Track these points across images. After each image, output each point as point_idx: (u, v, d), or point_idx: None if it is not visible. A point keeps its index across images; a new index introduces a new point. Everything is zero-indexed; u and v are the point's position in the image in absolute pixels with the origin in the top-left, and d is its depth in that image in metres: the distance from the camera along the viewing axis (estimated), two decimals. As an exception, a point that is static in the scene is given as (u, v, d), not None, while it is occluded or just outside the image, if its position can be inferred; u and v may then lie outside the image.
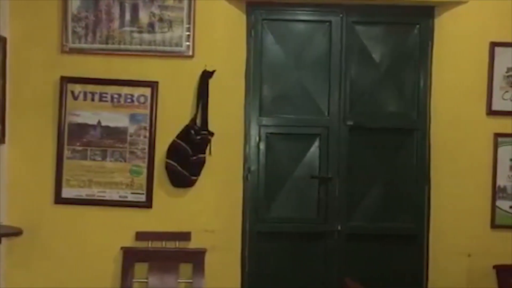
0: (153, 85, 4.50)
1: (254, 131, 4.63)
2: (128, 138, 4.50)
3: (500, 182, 4.53)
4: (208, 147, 4.49)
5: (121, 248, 4.45)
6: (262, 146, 4.64)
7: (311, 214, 4.66)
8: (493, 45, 4.52)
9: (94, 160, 4.50)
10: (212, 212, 4.54)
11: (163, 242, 4.48)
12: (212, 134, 4.49)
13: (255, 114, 4.63)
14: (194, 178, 4.48)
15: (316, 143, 4.65)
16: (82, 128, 4.48)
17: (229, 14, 4.58)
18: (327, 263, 4.64)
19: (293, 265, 4.63)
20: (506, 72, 4.54)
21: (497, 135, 4.54)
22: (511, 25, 4.54)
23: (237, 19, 4.60)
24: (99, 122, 4.49)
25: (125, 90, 4.50)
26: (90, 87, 4.49)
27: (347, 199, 4.64)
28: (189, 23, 4.52)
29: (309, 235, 4.66)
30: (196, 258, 4.43)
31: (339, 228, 4.63)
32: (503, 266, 4.38)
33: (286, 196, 4.65)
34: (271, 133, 4.65)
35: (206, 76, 4.49)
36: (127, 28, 4.51)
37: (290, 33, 4.69)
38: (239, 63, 4.60)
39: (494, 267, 4.39)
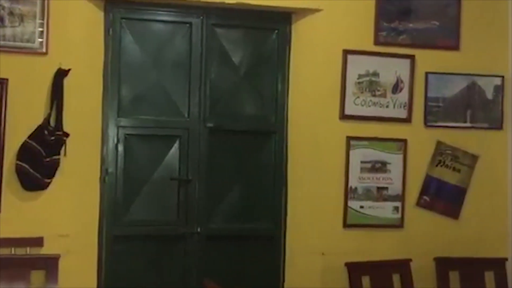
0: (2, 82, 3.73)
1: (112, 132, 3.99)
2: (-26, 138, 3.67)
3: (352, 183, 4.19)
4: (63, 148, 3.79)
5: (-35, 256, 3.59)
6: (120, 147, 4.00)
7: (171, 216, 4.09)
8: (346, 52, 4.17)
9: None
10: (66, 215, 3.84)
11: (13, 249, 3.72)
12: (67, 134, 3.80)
13: (113, 115, 3.99)
14: (47, 180, 3.77)
15: (176, 145, 4.08)
16: None
17: (86, 11, 3.91)
18: (186, 265, 4.09)
19: (152, 268, 4.04)
20: (358, 79, 4.20)
21: (349, 138, 4.19)
22: (362, 34, 4.22)
23: (94, 17, 3.93)
24: None
25: (-29, 86, 3.69)
26: None
27: (207, 201, 4.11)
28: (42, 19, 3.79)
29: (169, 237, 4.08)
30: (49, 264, 3.67)
31: (198, 230, 4.09)
32: (354, 263, 4.04)
33: (145, 199, 4.05)
34: (129, 134, 4.02)
35: (60, 74, 3.79)
36: (-26, 21, 3.70)
37: (150, 33, 4.10)
38: (96, 62, 3.94)
39: (346, 264, 4.03)
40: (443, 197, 4.30)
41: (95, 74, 3.91)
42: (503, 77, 4.38)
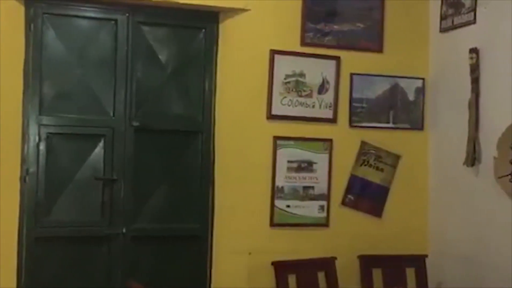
0: None
1: (33, 131, 3.77)
2: None
3: (279, 182, 4.11)
4: (-20, 147, 3.55)
5: None
6: (42, 146, 3.78)
7: (95, 217, 3.90)
8: (273, 52, 4.10)
9: None
10: (-16, 217, 3.58)
11: None
12: (-15, 133, 3.55)
13: (35, 113, 3.77)
14: (-37, 181, 3.49)
15: (101, 144, 3.90)
16: None
17: (6, 4, 3.68)
18: (111, 266, 3.90)
19: (75, 271, 3.84)
20: (285, 79, 4.13)
21: (276, 138, 4.11)
22: (289, 34, 4.15)
23: (14, 11, 3.71)
24: None
25: None
26: None
27: (133, 201, 3.94)
28: (-42, 12, 3.53)
29: (93, 238, 3.89)
30: (-35, 269, 3.45)
31: (123, 230, 3.91)
32: (280, 262, 3.98)
33: (68, 199, 3.84)
34: (52, 133, 3.81)
35: (-22, 70, 3.56)
36: None
37: (74, 30, 3.90)
38: (16, 58, 3.71)
39: (272, 263, 3.96)
40: (367, 196, 4.30)
41: (15, 70, 3.69)
42: (423, 79, 4.41)
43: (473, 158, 3.95)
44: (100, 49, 3.90)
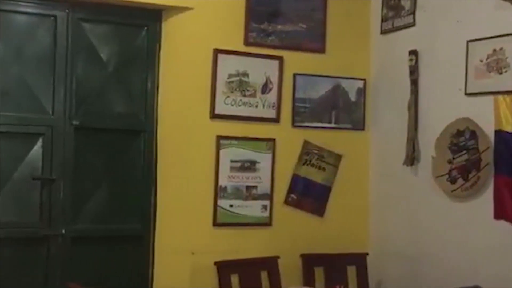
0: None
1: (-32, 129, 3.63)
2: None
3: (222, 182, 4.09)
4: None
5: None
6: (-23, 145, 3.64)
7: (33, 218, 3.78)
8: (216, 52, 4.07)
9: None
10: None
11: None
12: None
13: (-31, 111, 3.63)
14: None
15: (39, 143, 3.79)
16: None
17: None
18: (49, 268, 3.79)
19: (12, 273, 3.70)
20: (228, 78, 4.11)
21: (219, 138, 4.09)
22: (233, 34, 4.13)
23: None
24: None
25: None
26: None
27: (72, 201, 3.85)
28: None
29: (31, 240, 3.77)
30: None
31: (63, 231, 3.82)
32: (222, 262, 3.93)
33: (5, 199, 3.70)
34: (-13, 132, 3.69)
35: None
36: None
37: (10, 25, 3.76)
38: (-50, 54, 3.58)
39: (215, 263, 3.91)
40: (310, 196, 4.32)
41: (-51, 67, 3.57)
42: (365, 80, 4.46)
43: (412, 157, 4.02)
44: (39, 46, 3.79)
